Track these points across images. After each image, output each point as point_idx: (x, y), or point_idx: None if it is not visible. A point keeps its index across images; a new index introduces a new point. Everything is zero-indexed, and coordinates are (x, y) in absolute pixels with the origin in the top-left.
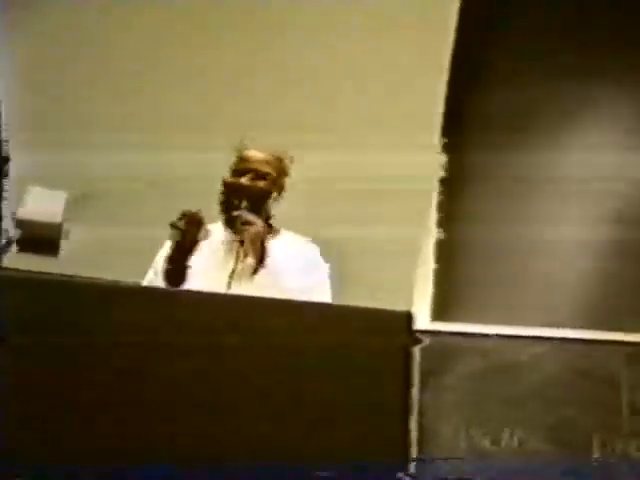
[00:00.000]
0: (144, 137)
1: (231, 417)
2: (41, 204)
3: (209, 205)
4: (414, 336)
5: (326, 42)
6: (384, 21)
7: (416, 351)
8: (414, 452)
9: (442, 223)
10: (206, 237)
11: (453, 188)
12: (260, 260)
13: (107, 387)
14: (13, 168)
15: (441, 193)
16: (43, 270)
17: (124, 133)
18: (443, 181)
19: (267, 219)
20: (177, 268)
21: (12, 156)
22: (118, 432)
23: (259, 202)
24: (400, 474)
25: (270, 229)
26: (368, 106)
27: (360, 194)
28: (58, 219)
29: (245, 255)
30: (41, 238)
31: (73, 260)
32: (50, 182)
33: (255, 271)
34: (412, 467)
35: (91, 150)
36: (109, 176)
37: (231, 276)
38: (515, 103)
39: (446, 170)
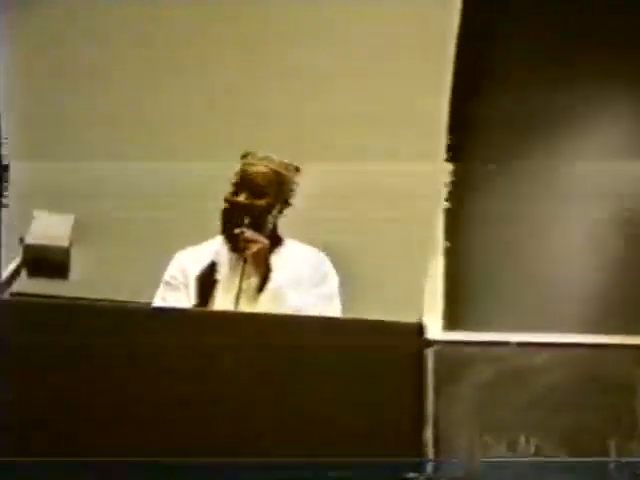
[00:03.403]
0: (142, 137)
1: (249, 426)
2: (48, 228)
3: (213, 222)
4: (426, 348)
5: (327, 50)
6: (384, 31)
7: (429, 361)
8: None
9: (450, 231)
10: None
11: (460, 195)
12: (264, 279)
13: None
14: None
15: (448, 200)
16: (54, 294)
17: (123, 133)
18: (450, 187)
19: (272, 230)
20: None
21: (12, 165)
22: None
23: (260, 218)
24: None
25: (275, 242)
26: (370, 114)
27: (367, 202)
28: (66, 243)
29: (249, 275)
30: (50, 262)
31: (83, 283)
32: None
33: (260, 290)
34: (429, 468)
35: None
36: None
37: (237, 296)
38: (521, 109)
39: (452, 177)
